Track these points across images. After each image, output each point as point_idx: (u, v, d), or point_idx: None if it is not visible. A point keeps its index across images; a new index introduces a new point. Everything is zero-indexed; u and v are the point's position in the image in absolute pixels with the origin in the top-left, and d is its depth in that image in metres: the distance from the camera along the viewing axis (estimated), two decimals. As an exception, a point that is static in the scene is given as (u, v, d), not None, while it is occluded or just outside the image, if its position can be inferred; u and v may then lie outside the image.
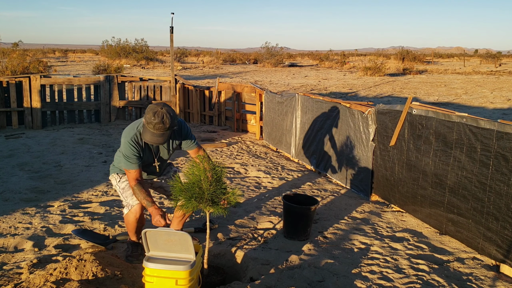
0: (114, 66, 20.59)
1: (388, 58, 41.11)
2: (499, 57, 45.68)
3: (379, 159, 4.56)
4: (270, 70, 31.13)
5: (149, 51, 34.79)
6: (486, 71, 27.59)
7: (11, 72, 13.01)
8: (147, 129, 2.90)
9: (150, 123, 2.84)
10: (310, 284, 2.92)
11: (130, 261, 3.21)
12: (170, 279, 2.52)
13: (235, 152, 6.91)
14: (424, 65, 37.57)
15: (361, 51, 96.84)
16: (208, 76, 23.37)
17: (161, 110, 2.84)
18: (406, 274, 3.10)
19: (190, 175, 2.71)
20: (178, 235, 2.55)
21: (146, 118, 2.87)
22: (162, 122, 2.82)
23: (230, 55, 47.38)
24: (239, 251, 3.42)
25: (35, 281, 2.69)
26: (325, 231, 3.85)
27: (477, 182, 3.33)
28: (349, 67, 33.02)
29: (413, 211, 4.14)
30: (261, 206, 4.48)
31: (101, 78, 9.30)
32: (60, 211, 4.23)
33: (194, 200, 2.67)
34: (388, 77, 23.34)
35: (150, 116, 2.83)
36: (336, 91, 16.23)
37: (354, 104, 4.96)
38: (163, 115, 2.82)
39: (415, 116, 4.01)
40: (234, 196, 2.78)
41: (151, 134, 2.88)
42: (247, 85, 8.41)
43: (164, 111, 2.84)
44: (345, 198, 4.79)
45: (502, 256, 3.13)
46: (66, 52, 60.54)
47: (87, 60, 40.03)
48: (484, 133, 3.26)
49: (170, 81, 9.67)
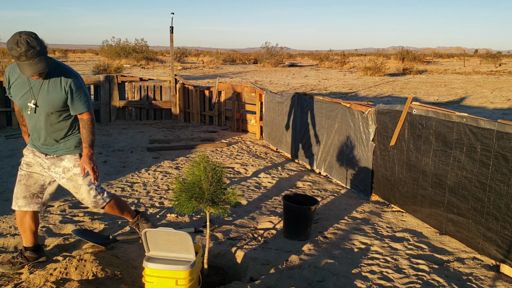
0: (114, 66, 20.61)
1: (388, 58, 41.11)
2: (499, 57, 45.70)
3: (379, 159, 4.56)
4: (270, 70, 31.14)
5: (149, 51, 34.81)
6: (486, 71, 27.60)
7: (11, 72, 13.00)
8: (19, 64, 2.59)
9: (18, 56, 2.53)
10: (310, 284, 2.92)
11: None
12: (170, 279, 2.52)
13: (235, 152, 6.91)
14: (424, 65, 37.57)
15: (361, 51, 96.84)
16: (208, 76, 23.37)
17: (21, 37, 2.53)
18: (406, 274, 3.10)
19: (190, 175, 2.71)
20: (178, 235, 2.55)
21: (11, 53, 2.54)
22: (31, 47, 2.53)
23: (230, 55, 47.41)
24: (239, 251, 3.42)
25: (35, 281, 2.69)
26: (325, 231, 3.85)
27: (477, 182, 3.33)
28: (349, 67, 33.03)
29: (413, 211, 4.14)
30: (261, 206, 4.48)
31: (101, 78, 9.30)
32: (60, 211, 4.23)
33: (194, 200, 2.68)
34: (388, 77, 23.34)
35: (14, 49, 2.52)
36: (336, 91, 16.24)
37: (354, 104, 4.96)
38: (27, 41, 2.52)
39: (415, 116, 4.01)
40: (234, 196, 2.79)
41: (26, 66, 2.57)
42: (247, 85, 8.41)
43: (24, 36, 2.54)
44: (345, 198, 4.79)
45: (502, 256, 3.13)
46: (66, 52, 60.57)
47: (87, 60, 40.03)
48: (484, 133, 3.26)
49: (170, 81, 9.68)
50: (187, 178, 2.75)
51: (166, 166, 6.01)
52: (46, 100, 2.82)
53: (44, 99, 2.82)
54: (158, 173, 5.65)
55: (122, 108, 9.57)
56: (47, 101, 2.82)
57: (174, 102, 9.68)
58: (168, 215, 4.17)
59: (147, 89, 9.71)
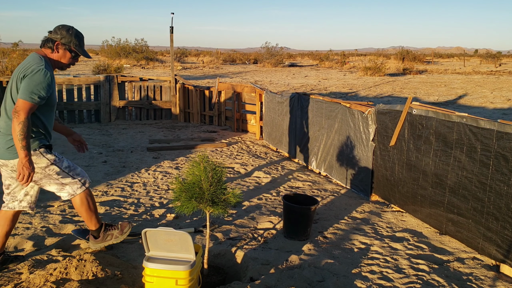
0: (114, 66, 20.61)
1: (388, 58, 41.11)
2: (499, 57, 45.70)
3: (379, 159, 4.56)
4: (270, 70, 31.13)
5: (149, 51, 34.80)
6: (486, 71, 27.59)
7: (11, 72, 13.02)
8: (83, 50, 3.05)
9: (81, 38, 3.02)
10: (310, 284, 2.92)
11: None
12: (170, 279, 2.52)
13: (235, 152, 6.91)
14: (424, 65, 37.57)
15: (361, 51, 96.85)
16: (208, 76, 23.37)
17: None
18: (406, 274, 3.10)
19: (190, 175, 2.71)
20: (178, 235, 2.55)
21: (80, 42, 3.01)
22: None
23: (230, 55, 47.40)
24: (239, 251, 3.42)
25: (35, 281, 2.69)
26: (325, 231, 3.85)
27: (477, 182, 3.33)
28: (349, 67, 33.02)
29: (413, 211, 4.14)
30: (261, 206, 4.48)
31: (101, 78, 9.30)
32: (60, 211, 4.23)
33: (194, 200, 2.68)
34: (388, 77, 23.34)
35: (81, 36, 3.02)
36: (336, 91, 16.24)
37: (354, 104, 4.96)
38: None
39: (415, 116, 4.01)
40: (234, 196, 2.79)
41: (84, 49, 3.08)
42: (247, 85, 8.41)
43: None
44: (345, 198, 4.79)
45: (502, 256, 3.13)
46: (66, 52, 60.46)
47: (87, 60, 40.03)
48: (484, 133, 3.26)
49: (170, 81, 9.68)
50: (187, 178, 2.75)
51: (166, 166, 6.01)
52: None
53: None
54: (158, 173, 5.65)
55: (122, 108, 9.57)
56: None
57: (174, 102, 9.68)
58: (168, 215, 4.17)
59: (147, 89, 9.71)
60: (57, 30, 2.95)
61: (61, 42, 2.94)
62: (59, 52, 2.96)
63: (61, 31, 2.94)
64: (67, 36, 2.94)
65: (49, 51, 2.96)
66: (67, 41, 2.94)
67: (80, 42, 3.01)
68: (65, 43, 2.94)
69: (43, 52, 2.96)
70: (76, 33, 2.99)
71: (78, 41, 2.99)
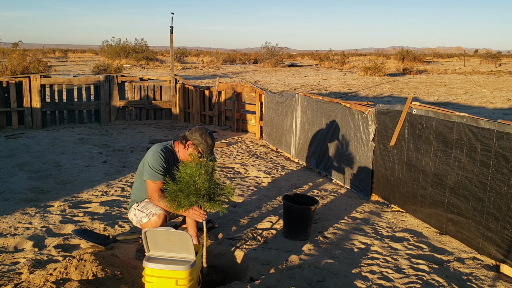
0: (114, 66, 20.60)
1: (388, 58, 41.10)
2: (499, 57, 45.69)
3: (379, 159, 4.56)
4: (270, 70, 31.13)
5: (149, 51, 34.78)
6: (486, 71, 27.59)
7: (11, 72, 13.02)
8: (207, 151, 3.15)
9: (212, 146, 3.14)
10: (310, 284, 2.92)
11: (138, 256, 3.26)
12: (170, 279, 2.52)
13: (235, 152, 6.91)
14: (424, 65, 37.56)
15: (361, 51, 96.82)
16: (208, 76, 23.36)
17: (208, 131, 3.14)
18: (406, 274, 3.10)
19: (183, 174, 2.70)
20: (178, 235, 2.55)
21: (207, 144, 3.10)
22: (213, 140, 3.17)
23: (230, 55, 47.37)
24: (239, 251, 3.42)
25: (35, 281, 2.69)
26: (325, 231, 3.85)
27: (477, 182, 3.33)
28: (349, 67, 33.01)
29: (413, 211, 4.14)
30: (261, 206, 4.48)
31: (101, 78, 9.30)
32: (60, 211, 4.23)
33: (191, 196, 2.67)
34: (388, 77, 23.34)
35: (209, 141, 3.12)
36: (336, 91, 16.24)
37: (354, 104, 4.96)
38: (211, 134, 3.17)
39: (415, 116, 4.01)
40: (229, 190, 2.78)
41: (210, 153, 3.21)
42: (247, 85, 8.41)
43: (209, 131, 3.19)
44: (345, 198, 4.79)
45: (502, 256, 3.13)
46: (66, 52, 60.50)
47: (87, 60, 40.03)
48: (484, 133, 3.26)
49: (170, 81, 9.68)
50: (181, 176, 2.73)
51: (166, 166, 6.00)
52: None
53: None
54: (158, 173, 5.64)
55: (122, 108, 9.57)
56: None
57: (174, 102, 9.68)
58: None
59: (147, 89, 9.71)
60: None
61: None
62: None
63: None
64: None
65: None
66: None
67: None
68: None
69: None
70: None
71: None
